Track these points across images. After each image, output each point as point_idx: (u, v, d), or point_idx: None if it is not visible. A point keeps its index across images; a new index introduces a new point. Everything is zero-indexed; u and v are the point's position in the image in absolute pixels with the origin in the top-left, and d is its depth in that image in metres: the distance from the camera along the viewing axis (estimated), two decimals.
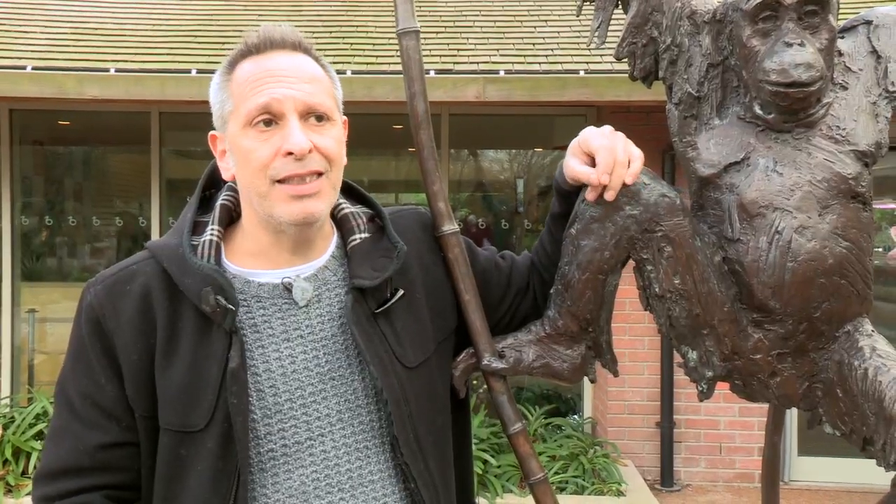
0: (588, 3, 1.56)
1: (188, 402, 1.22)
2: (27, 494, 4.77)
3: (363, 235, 1.35)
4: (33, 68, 5.16)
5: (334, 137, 1.27)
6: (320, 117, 1.26)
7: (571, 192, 1.43)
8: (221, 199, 1.35)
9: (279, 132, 1.22)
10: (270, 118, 1.22)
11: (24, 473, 5.08)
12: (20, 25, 6.24)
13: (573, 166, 1.39)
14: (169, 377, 1.23)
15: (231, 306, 1.21)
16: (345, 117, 1.36)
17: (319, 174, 1.24)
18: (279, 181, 1.22)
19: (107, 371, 1.25)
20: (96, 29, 6.21)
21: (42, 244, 6.49)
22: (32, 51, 5.55)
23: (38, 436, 5.19)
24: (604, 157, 1.35)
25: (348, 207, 1.39)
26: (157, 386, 1.24)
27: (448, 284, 1.43)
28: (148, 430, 1.25)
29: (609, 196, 1.36)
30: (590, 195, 1.38)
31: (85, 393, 1.26)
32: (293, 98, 1.22)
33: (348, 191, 1.42)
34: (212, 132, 1.33)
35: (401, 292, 1.33)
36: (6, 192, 6.04)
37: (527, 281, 1.53)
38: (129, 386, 1.24)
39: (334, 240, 1.36)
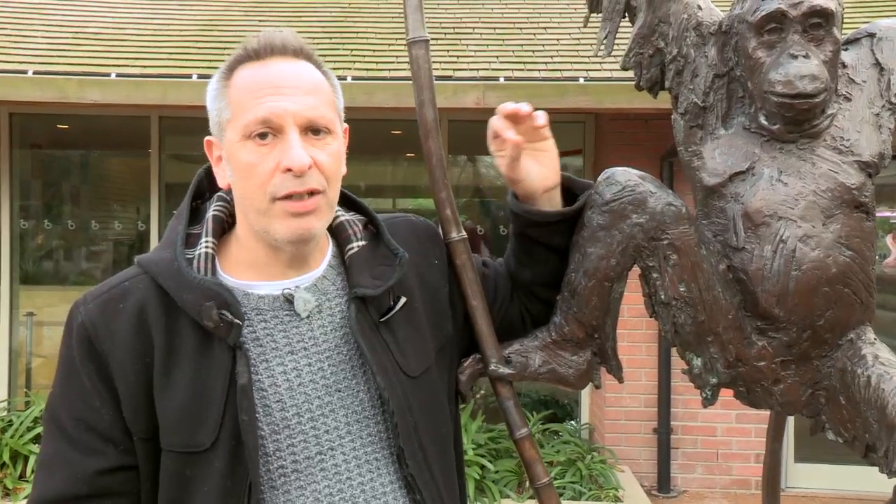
0: (595, 13, 1.58)
1: (192, 421, 1.18)
2: (25, 498, 4.76)
3: (360, 243, 1.33)
4: (35, 72, 5.18)
5: (333, 153, 1.24)
6: (320, 130, 1.22)
7: (520, 214, 1.45)
8: (213, 210, 1.31)
9: (278, 145, 1.19)
10: (269, 131, 1.19)
11: (21, 477, 5.08)
12: (22, 30, 6.25)
13: (498, 166, 1.44)
14: (170, 397, 1.19)
15: (238, 321, 1.18)
16: (346, 125, 1.33)
17: (316, 192, 1.21)
18: (278, 198, 1.19)
19: (102, 394, 1.20)
20: (97, 34, 6.23)
21: (40, 247, 6.49)
22: (34, 55, 5.56)
23: (36, 439, 5.19)
24: (495, 122, 1.40)
25: (343, 215, 1.37)
26: (157, 407, 1.19)
27: (442, 293, 1.42)
28: (147, 452, 1.20)
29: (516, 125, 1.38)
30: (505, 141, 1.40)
31: (78, 417, 1.20)
32: (293, 113, 1.19)
33: (340, 197, 1.38)
34: (208, 137, 1.29)
35: (403, 300, 1.31)
36: (5, 196, 6.05)
37: (511, 289, 1.53)
38: (127, 408, 1.19)
39: (330, 249, 1.34)
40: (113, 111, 5.73)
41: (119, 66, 5.38)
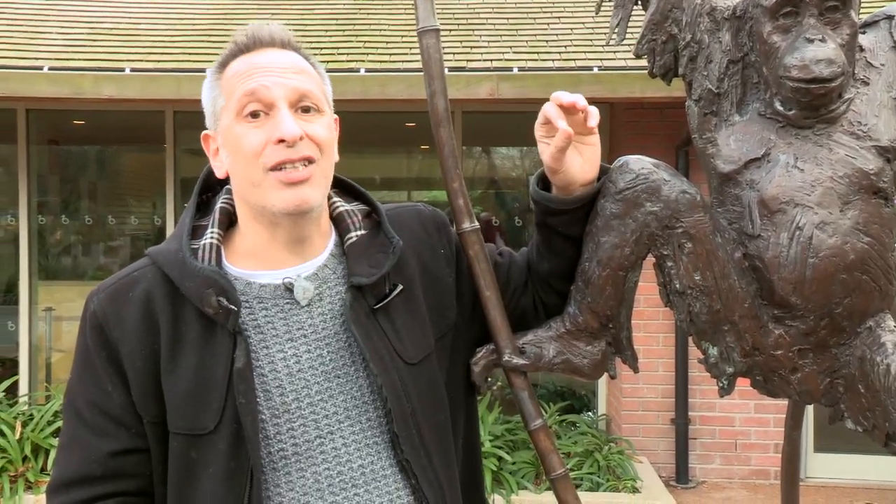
0: (607, 1, 1.56)
1: (196, 404, 1.23)
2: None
3: (359, 233, 1.35)
4: (50, 68, 5.20)
5: (325, 125, 1.28)
6: (309, 108, 1.26)
7: (538, 201, 1.44)
8: (220, 202, 1.35)
9: (270, 121, 1.23)
10: (260, 109, 1.23)
11: (42, 470, 5.13)
12: (37, 26, 6.29)
13: (540, 153, 1.41)
14: (175, 381, 1.23)
15: (233, 307, 1.22)
16: (336, 115, 1.36)
17: (311, 161, 1.24)
18: (272, 168, 1.22)
19: (113, 378, 1.25)
20: (112, 29, 6.26)
21: (58, 243, 6.54)
22: (49, 51, 5.59)
23: (57, 433, 5.23)
24: (549, 110, 1.36)
25: (343, 206, 1.39)
26: (164, 391, 1.24)
27: (446, 282, 1.43)
28: (157, 435, 1.26)
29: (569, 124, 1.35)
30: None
31: (93, 401, 1.27)
32: (283, 84, 1.23)
33: (343, 187, 1.42)
34: (205, 132, 1.34)
35: (399, 287, 1.33)
36: (23, 192, 6.09)
37: (525, 278, 1.53)
38: (136, 392, 1.25)
39: (332, 238, 1.37)
40: (128, 106, 5.75)
41: (133, 61, 5.40)
